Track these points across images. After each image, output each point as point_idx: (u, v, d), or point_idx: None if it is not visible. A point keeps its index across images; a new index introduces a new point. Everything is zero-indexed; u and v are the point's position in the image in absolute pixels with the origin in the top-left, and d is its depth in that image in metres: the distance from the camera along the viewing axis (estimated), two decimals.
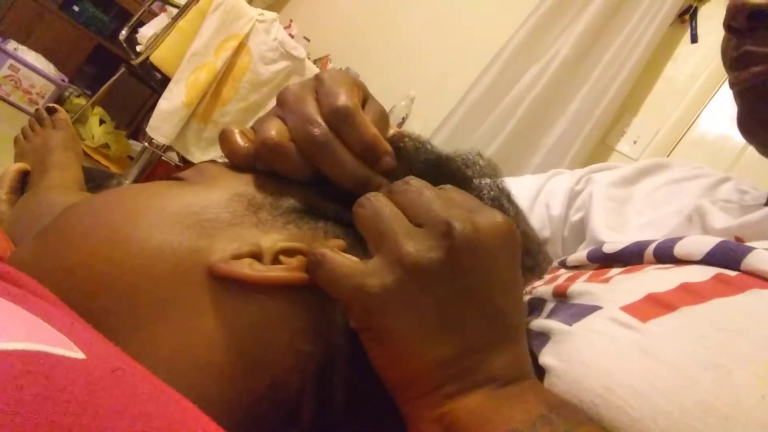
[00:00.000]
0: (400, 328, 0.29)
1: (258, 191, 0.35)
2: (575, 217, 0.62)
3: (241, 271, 0.30)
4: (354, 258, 0.31)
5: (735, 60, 0.44)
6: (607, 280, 0.40)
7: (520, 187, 0.66)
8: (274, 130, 0.35)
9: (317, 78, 0.37)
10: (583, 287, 0.40)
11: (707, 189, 0.55)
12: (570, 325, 0.35)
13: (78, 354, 0.20)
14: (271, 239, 0.33)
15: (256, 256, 0.32)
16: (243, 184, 0.35)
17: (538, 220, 0.64)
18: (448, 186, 0.34)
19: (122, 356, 0.23)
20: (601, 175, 0.64)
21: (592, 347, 0.32)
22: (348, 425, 0.32)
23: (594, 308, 0.36)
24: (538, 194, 0.66)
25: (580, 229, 0.61)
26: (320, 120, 0.35)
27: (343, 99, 0.35)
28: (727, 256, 0.35)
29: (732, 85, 0.46)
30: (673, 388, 0.28)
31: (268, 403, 0.30)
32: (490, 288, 0.29)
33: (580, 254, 0.49)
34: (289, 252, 0.32)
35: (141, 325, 0.29)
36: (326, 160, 0.35)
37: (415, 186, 0.32)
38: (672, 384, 0.28)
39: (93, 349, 0.22)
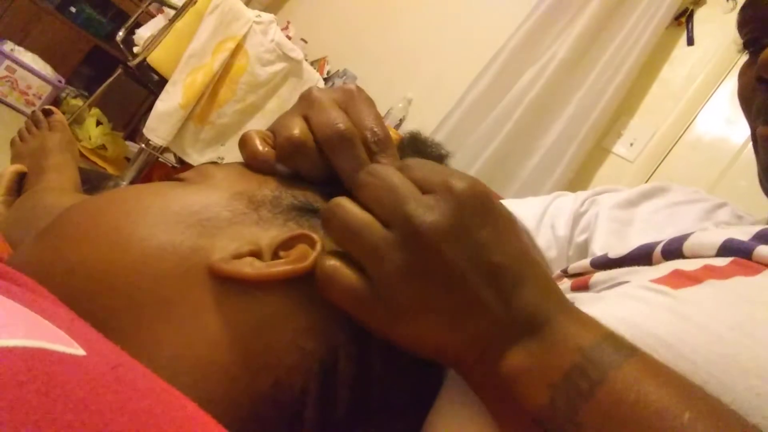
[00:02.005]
0: (423, 329, 0.30)
1: (259, 189, 0.35)
2: (580, 238, 0.63)
3: (242, 271, 0.30)
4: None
5: (763, 110, 0.46)
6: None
7: (525, 208, 0.68)
8: (298, 128, 0.36)
9: (348, 91, 0.38)
10: (604, 275, 0.41)
11: (706, 212, 0.57)
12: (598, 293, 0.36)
13: (78, 351, 0.20)
14: (270, 236, 0.33)
15: (257, 254, 0.32)
16: (243, 183, 0.35)
17: (544, 240, 0.65)
18: (416, 159, 0.34)
19: (122, 354, 0.23)
20: (604, 197, 0.65)
21: (624, 306, 0.33)
22: (353, 426, 0.32)
23: (621, 283, 0.38)
24: (543, 215, 0.67)
25: (585, 249, 0.62)
26: (346, 118, 0.36)
27: (383, 128, 0.37)
28: (737, 250, 0.37)
29: (758, 137, 0.47)
30: (700, 342, 0.30)
31: (271, 403, 0.30)
32: (482, 258, 0.29)
33: (583, 261, 0.49)
34: (287, 244, 0.32)
35: (142, 325, 0.29)
36: (347, 157, 0.36)
37: (376, 181, 0.32)
38: (698, 339, 0.30)
39: (93, 346, 0.22)
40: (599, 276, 0.42)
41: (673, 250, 0.41)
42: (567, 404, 0.27)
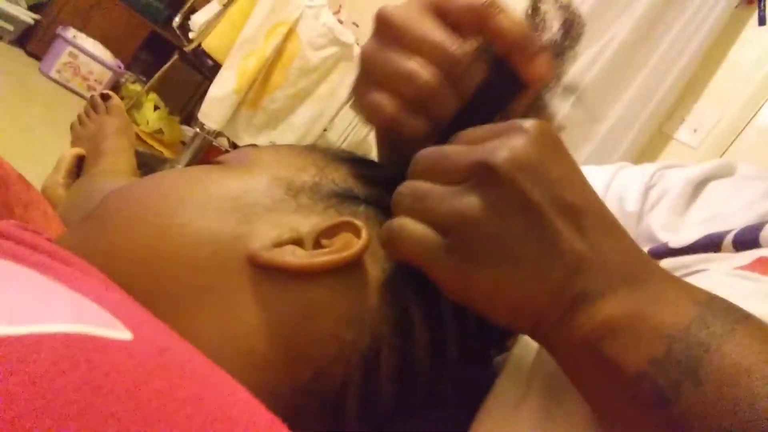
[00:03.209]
0: (502, 277, 0.27)
1: (298, 175, 0.34)
2: (649, 214, 0.59)
3: (284, 260, 0.30)
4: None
5: None
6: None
7: (589, 177, 0.63)
8: (426, 71, 0.32)
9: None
10: (673, 263, 0.38)
11: None
12: None
13: (125, 334, 0.20)
14: (311, 224, 0.32)
15: (298, 242, 0.31)
16: (283, 168, 0.35)
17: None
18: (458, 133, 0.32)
19: (171, 334, 0.23)
20: (674, 171, 0.61)
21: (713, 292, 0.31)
22: (397, 421, 0.32)
23: (698, 271, 0.35)
24: (608, 187, 0.63)
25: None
26: None
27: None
28: None
29: None
30: None
31: (312, 394, 0.30)
32: (558, 195, 0.27)
33: None
34: (330, 232, 0.31)
35: (181, 312, 0.29)
36: (491, 19, 0.32)
37: (432, 154, 0.31)
38: None
39: (141, 328, 0.21)
40: (667, 263, 0.39)
41: (747, 240, 0.38)
42: (687, 356, 0.24)
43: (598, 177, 0.64)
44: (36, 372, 0.16)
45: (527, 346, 0.35)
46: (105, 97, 0.91)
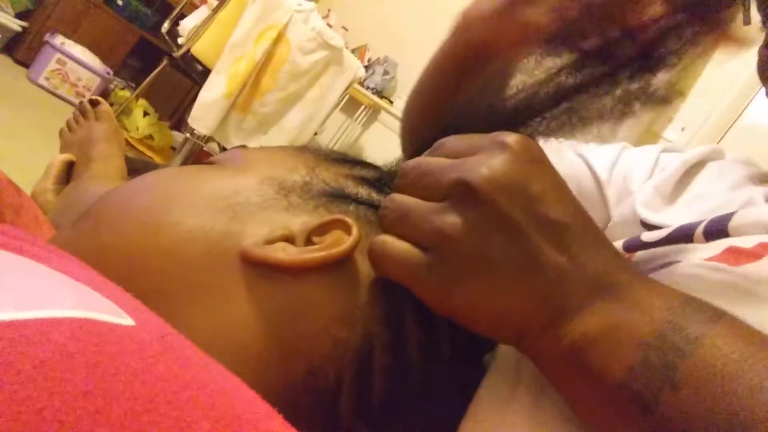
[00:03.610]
0: (484, 293, 0.28)
1: (288, 174, 0.35)
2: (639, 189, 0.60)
3: (276, 256, 0.30)
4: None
5: None
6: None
7: (594, 156, 0.63)
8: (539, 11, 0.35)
9: None
10: (646, 254, 0.39)
11: (757, 176, 0.53)
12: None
13: (127, 320, 0.21)
14: (302, 221, 0.32)
15: (289, 239, 0.31)
16: (274, 168, 0.35)
17: (615, 191, 0.60)
18: (441, 140, 0.33)
19: (168, 325, 0.23)
20: (673, 154, 0.61)
21: (684, 287, 0.30)
22: (390, 416, 0.32)
23: (671, 263, 0.36)
24: (613, 166, 0.62)
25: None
26: None
27: None
28: None
29: None
30: None
31: (306, 390, 0.30)
32: (539, 211, 0.28)
33: (615, 244, 0.47)
34: (321, 229, 0.32)
35: (174, 310, 0.29)
36: None
37: (416, 169, 0.31)
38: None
39: (141, 317, 0.22)
40: (641, 255, 0.40)
41: (717, 231, 0.39)
42: (663, 362, 0.25)
43: (604, 154, 0.63)
44: (45, 354, 0.17)
45: None
46: (94, 103, 0.91)
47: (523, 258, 0.27)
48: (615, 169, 0.61)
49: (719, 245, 0.35)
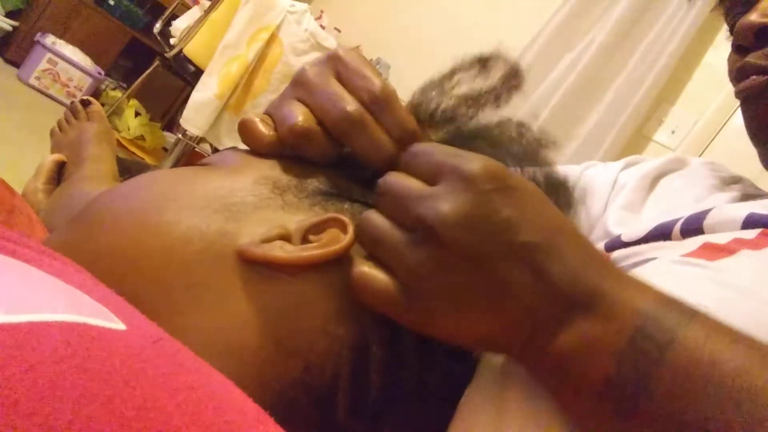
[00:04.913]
0: (460, 322, 0.29)
1: (283, 174, 0.35)
2: (606, 212, 0.60)
3: (273, 254, 0.30)
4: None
5: (737, 71, 0.48)
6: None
7: None
8: (301, 115, 0.34)
9: (335, 58, 0.36)
10: (624, 253, 0.40)
11: (721, 182, 0.55)
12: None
13: (118, 325, 0.21)
14: (298, 220, 0.32)
15: (286, 238, 0.31)
16: (268, 168, 0.35)
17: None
18: (414, 149, 0.33)
19: (160, 329, 0.23)
20: (632, 170, 0.62)
21: (661, 282, 0.31)
22: (386, 412, 0.32)
23: (648, 260, 0.37)
24: (576, 180, 0.64)
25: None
26: (352, 98, 0.34)
27: (378, 83, 0.34)
28: (764, 222, 0.38)
29: (736, 95, 0.48)
30: (747, 308, 0.29)
31: (302, 387, 0.30)
32: (508, 239, 0.28)
33: (598, 246, 0.48)
34: (318, 228, 0.32)
35: (171, 309, 0.29)
36: (361, 139, 0.34)
37: (389, 190, 0.31)
38: (745, 305, 0.29)
39: (133, 321, 0.22)
40: (618, 255, 0.41)
41: (693, 228, 0.40)
42: (636, 372, 0.25)
43: (567, 171, 0.65)
44: (35, 358, 0.17)
45: None
46: (85, 104, 0.90)
47: (492, 287, 0.28)
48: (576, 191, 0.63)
49: (695, 242, 0.37)
